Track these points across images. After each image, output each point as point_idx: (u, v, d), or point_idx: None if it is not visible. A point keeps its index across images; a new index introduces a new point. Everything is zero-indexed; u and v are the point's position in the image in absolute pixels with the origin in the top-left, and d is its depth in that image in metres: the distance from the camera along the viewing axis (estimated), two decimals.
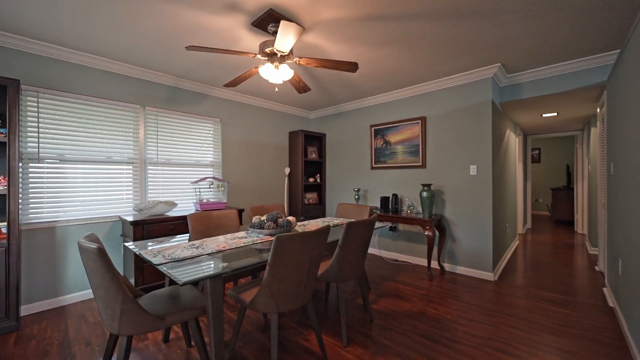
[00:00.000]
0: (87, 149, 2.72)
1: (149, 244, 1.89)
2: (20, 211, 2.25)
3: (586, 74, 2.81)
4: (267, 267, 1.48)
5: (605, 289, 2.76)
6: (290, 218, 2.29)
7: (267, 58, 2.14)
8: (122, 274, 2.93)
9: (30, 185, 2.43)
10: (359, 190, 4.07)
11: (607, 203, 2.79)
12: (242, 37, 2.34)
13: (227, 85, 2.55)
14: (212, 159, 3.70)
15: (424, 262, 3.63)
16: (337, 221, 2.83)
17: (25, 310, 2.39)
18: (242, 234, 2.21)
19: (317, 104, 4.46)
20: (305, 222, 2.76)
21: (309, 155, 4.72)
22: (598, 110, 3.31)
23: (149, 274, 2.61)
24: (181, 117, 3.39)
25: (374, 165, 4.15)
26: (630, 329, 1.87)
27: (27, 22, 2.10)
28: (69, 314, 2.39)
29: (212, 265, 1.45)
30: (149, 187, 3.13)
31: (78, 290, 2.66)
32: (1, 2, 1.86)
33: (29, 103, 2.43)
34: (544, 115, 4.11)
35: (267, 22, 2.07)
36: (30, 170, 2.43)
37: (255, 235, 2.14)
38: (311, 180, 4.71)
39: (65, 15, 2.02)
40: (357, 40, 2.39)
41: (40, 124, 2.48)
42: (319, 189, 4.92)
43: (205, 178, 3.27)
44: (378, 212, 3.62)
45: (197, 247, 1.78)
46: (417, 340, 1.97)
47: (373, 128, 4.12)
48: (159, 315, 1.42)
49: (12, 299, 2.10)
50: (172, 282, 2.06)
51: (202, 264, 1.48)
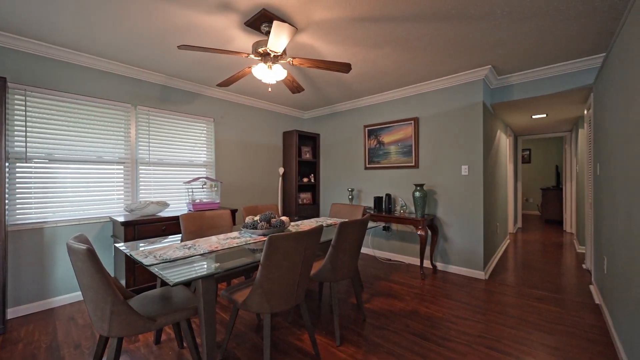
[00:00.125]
0: (77, 148, 2.68)
1: (141, 244, 1.87)
2: (6, 212, 2.20)
3: (574, 77, 2.88)
4: (260, 267, 1.48)
5: (591, 287, 2.83)
6: (284, 218, 2.29)
7: (260, 58, 2.14)
8: (112, 275, 2.89)
9: (17, 185, 2.38)
10: (352, 190, 4.09)
11: (593, 203, 2.86)
12: (235, 37, 2.33)
13: (220, 85, 2.53)
14: (205, 158, 3.68)
15: (417, 261, 3.67)
16: (330, 221, 2.84)
17: (12, 313, 2.34)
18: (235, 234, 2.20)
19: (311, 104, 4.47)
20: (299, 222, 2.76)
21: (303, 155, 4.72)
22: (585, 112, 3.39)
23: (140, 275, 2.58)
24: (174, 116, 3.36)
25: (367, 166, 4.17)
26: (615, 326, 1.92)
27: (15, 18, 2.06)
28: (58, 317, 2.35)
29: (205, 266, 1.44)
30: (141, 187, 3.09)
31: (67, 292, 2.61)
32: None
33: (16, 102, 2.37)
34: (533, 117, 4.19)
35: (260, 22, 2.07)
36: (17, 170, 2.38)
37: (248, 236, 2.14)
38: (305, 180, 4.71)
39: (55, 13, 1.98)
40: (351, 41, 2.41)
41: (27, 123, 2.43)
42: (313, 189, 4.92)
43: (198, 178, 3.24)
44: (372, 212, 3.65)
45: (189, 248, 1.76)
46: (409, 339, 1.99)
47: (367, 128, 4.15)
48: (150, 316, 1.41)
49: None
50: (164, 283, 2.04)
51: (194, 264, 1.47)
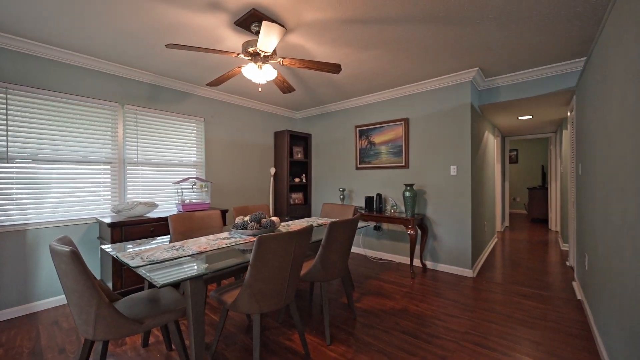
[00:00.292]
0: (62, 148, 2.61)
1: (128, 246, 1.83)
2: None
3: (557, 79, 2.97)
4: (249, 267, 1.48)
5: (574, 283, 2.92)
6: (274, 218, 2.28)
7: (250, 58, 2.13)
8: (99, 278, 2.83)
9: None
10: (344, 190, 4.11)
11: (575, 202, 2.95)
12: (225, 36, 2.32)
13: (210, 84, 2.51)
14: (195, 158, 3.64)
15: (407, 260, 3.71)
16: (321, 221, 2.84)
17: None
18: (224, 234, 2.19)
19: (302, 104, 4.47)
20: (290, 222, 2.76)
21: (294, 155, 4.71)
22: (568, 113, 3.50)
23: (127, 278, 2.53)
24: (163, 115, 3.31)
25: (358, 166, 4.20)
26: (595, 320, 1.99)
27: None
28: (41, 321, 2.29)
29: (194, 267, 1.43)
30: (129, 187, 3.04)
31: (51, 295, 2.54)
32: None
33: None
34: (520, 118, 4.30)
35: (250, 21, 2.06)
36: None
37: (238, 236, 2.12)
38: (297, 180, 4.71)
39: (39, 9, 1.93)
40: (341, 42, 2.42)
41: (9, 122, 2.35)
42: (305, 189, 4.92)
43: (188, 178, 3.20)
44: (363, 212, 3.67)
45: (178, 249, 1.74)
46: (399, 337, 2.01)
47: (358, 129, 4.17)
48: (137, 318, 1.39)
49: None
50: (152, 285, 2.01)
51: (183, 265, 1.46)
